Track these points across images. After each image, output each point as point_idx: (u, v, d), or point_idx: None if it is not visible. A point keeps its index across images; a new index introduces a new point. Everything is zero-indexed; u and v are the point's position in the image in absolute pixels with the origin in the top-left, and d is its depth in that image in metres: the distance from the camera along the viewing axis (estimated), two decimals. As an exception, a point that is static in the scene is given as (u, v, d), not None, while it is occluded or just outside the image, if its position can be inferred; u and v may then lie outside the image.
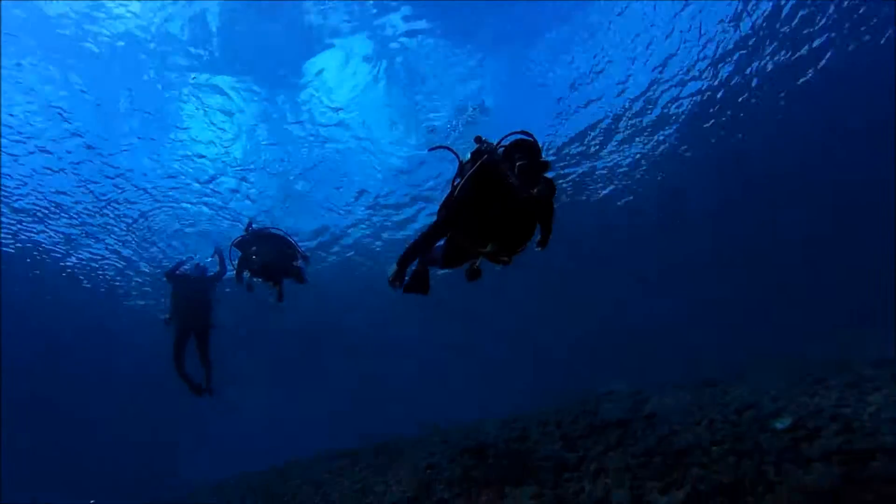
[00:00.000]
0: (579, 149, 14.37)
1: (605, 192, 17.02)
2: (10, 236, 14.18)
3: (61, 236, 14.56)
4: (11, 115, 9.90)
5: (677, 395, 5.97)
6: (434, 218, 4.29)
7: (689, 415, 4.98)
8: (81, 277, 17.03)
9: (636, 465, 3.83)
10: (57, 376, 24.90)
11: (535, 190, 3.48)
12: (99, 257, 16.12)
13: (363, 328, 25.95)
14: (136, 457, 35.90)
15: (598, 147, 14.43)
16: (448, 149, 4.83)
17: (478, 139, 4.27)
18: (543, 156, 3.78)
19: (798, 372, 5.99)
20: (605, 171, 15.67)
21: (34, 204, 12.90)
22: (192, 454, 37.91)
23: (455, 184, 4.34)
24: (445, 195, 4.42)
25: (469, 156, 4.33)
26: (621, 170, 15.71)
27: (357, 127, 12.08)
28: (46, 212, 13.29)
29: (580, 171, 15.44)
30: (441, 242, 4.57)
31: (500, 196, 3.76)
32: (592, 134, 13.72)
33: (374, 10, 9.29)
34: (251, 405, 35.91)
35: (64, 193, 12.59)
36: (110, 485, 28.62)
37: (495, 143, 4.07)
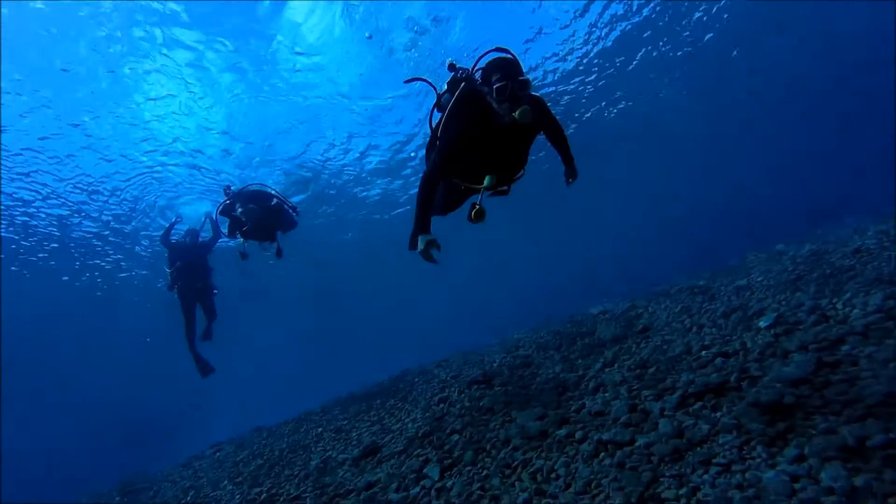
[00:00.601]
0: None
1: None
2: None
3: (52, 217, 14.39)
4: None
5: (668, 306, 6.24)
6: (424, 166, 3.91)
7: (679, 324, 5.25)
8: (75, 255, 17.01)
9: (632, 377, 4.09)
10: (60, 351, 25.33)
11: (518, 112, 3.24)
12: (91, 234, 16.07)
13: (358, 272, 26.36)
14: (160, 421, 37.20)
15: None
16: (424, 80, 4.60)
17: (451, 66, 4.07)
18: (524, 73, 3.42)
19: (782, 267, 6.24)
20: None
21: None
22: (209, 412, 39.28)
23: (433, 123, 4.19)
24: (429, 136, 4.20)
25: (445, 86, 4.13)
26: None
27: (329, 69, 11.72)
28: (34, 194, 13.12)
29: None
30: None
31: (486, 124, 3.53)
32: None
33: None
34: (257, 362, 36.97)
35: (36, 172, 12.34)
36: (130, 449, 29.80)
37: (471, 67, 3.84)
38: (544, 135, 4.11)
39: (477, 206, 3.67)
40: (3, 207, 13.30)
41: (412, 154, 16.52)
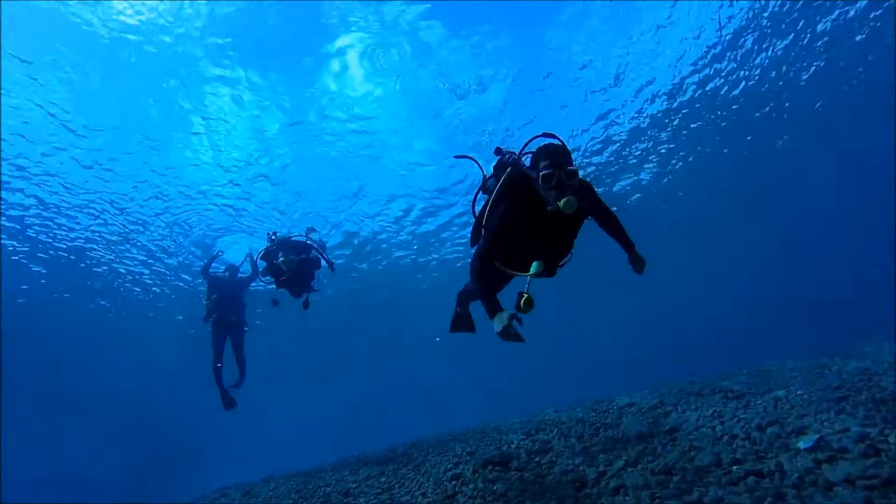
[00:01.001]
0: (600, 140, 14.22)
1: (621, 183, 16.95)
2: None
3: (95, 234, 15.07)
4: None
5: (699, 408, 5.96)
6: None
7: (710, 429, 4.98)
8: (108, 279, 17.61)
9: (655, 482, 3.87)
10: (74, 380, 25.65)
11: (562, 202, 3.19)
12: (129, 263, 16.68)
13: (388, 332, 26.26)
14: (163, 462, 36.88)
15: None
16: (472, 159, 4.68)
17: (498, 150, 4.11)
18: (573, 160, 3.40)
19: (826, 382, 5.92)
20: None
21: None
22: (219, 459, 38.82)
23: (476, 207, 4.21)
24: (474, 221, 4.15)
25: (492, 169, 4.18)
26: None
27: (378, 122, 12.30)
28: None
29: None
30: None
31: (532, 210, 3.51)
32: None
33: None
34: (277, 410, 36.64)
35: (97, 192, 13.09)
36: (138, 490, 29.46)
37: (518, 151, 3.88)
38: (595, 222, 4.09)
39: (525, 295, 3.46)
40: (55, 225, 14.11)
41: (448, 219, 16.80)
